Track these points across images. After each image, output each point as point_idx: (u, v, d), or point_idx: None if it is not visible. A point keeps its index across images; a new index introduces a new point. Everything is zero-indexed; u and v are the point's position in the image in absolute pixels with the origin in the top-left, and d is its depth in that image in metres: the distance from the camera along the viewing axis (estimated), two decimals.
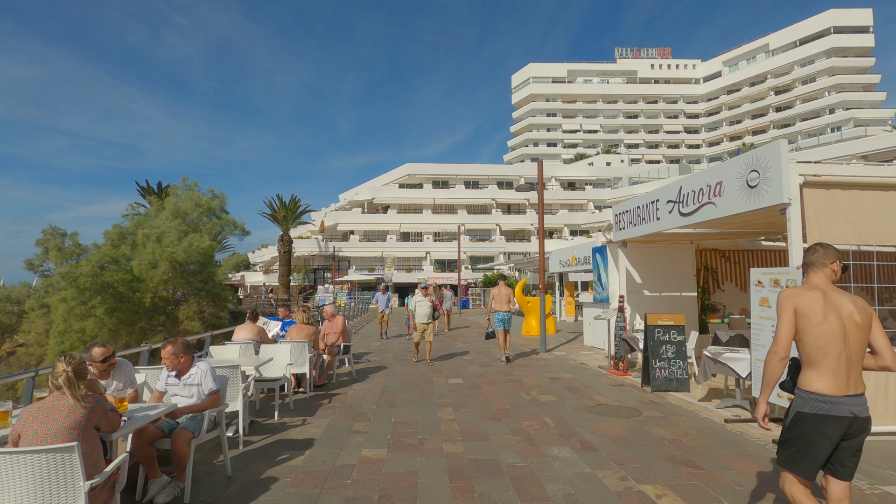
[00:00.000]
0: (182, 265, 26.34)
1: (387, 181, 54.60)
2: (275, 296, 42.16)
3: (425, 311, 10.43)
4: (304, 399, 7.50)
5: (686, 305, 11.81)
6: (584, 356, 11.60)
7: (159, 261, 24.08)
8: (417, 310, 10.45)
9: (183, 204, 27.11)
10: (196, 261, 25.43)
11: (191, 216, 26.92)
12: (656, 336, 8.02)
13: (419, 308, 10.44)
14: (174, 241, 24.70)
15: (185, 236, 25.12)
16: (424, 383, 8.60)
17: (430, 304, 10.52)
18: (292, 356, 7.34)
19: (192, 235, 25.23)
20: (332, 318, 9.26)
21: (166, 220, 25.94)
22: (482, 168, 53.46)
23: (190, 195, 27.57)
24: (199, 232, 26.03)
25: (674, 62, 77.00)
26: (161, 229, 25.42)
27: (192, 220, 26.97)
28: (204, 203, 27.66)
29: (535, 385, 8.30)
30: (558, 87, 76.59)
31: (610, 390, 7.87)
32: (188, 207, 27.00)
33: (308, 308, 10.50)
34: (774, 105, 68.90)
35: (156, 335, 28.15)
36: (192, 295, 27.67)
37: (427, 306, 10.46)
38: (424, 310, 10.43)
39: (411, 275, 44.83)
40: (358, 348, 13.64)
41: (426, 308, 10.45)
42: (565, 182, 54.15)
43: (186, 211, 26.89)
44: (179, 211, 26.72)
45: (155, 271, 24.25)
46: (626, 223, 10.01)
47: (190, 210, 26.93)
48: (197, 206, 27.12)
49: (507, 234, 49.26)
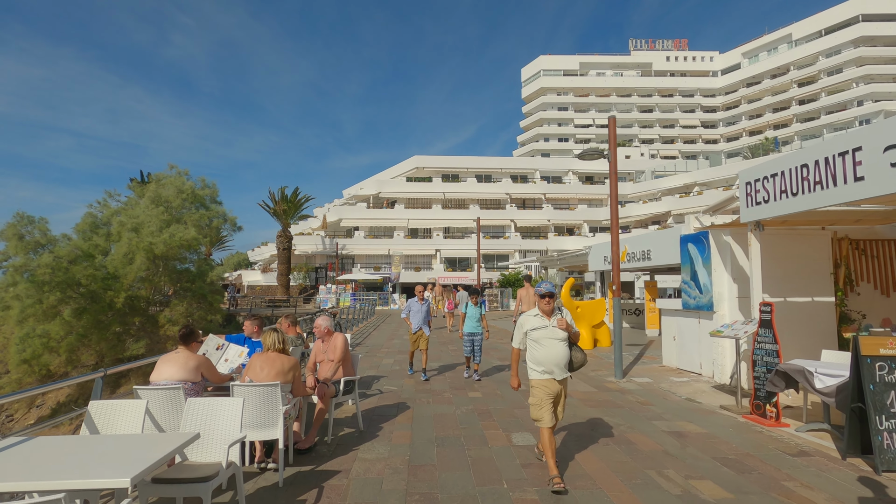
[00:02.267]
0: (163, 260, 23.11)
1: (393, 175, 51.20)
2: (241, 295, 38.66)
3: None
4: (271, 492, 4.18)
5: (820, 315, 8.46)
6: (681, 385, 8.19)
7: (135, 253, 20.78)
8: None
9: (165, 191, 23.59)
10: (177, 256, 22.18)
11: (174, 204, 23.54)
12: (879, 375, 4.67)
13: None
14: (153, 232, 21.40)
15: (167, 227, 21.85)
16: (474, 443, 5.26)
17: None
18: (251, 414, 4.06)
19: (176, 226, 21.89)
20: (327, 336, 5.94)
21: (146, 208, 22.62)
22: (495, 161, 49.96)
23: (174, 181, 24.12)
24: (183, 223, 22.69)
25: (690, 54, 73.44)
26: (140, 219, 22.13)
27: (175, 210, 23.66)
28: (188, 190, 24.15)
29: (659, 452, 4.88)
30: (570, 81, 73.09)
31: (795, 466, 4.53)
32: (171, 195, 23.49)
33: (294, 321, 7.12)
34: (798, 98, 65.16)
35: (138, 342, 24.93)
36: (176, 295, 24.45)
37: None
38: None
39: (420, 274, 41.47)
40: (365, 368, 10.37)
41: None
42: (583, 176, 50.67)
43: (169, 199, 23.48)
44: (161, 198, 23.32)
45: (131, 266, 20.99)
46: (771, 193, 6.61)
47: (173, 198, 23.48)
48: (180, 194, 23.65)
49: (522, 230, 45.79)
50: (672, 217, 41.34)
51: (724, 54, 72.08)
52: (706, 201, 39.94)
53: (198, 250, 24.54)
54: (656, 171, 47.32)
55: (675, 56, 72.95)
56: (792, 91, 65.32)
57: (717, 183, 41.90)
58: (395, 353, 12.51)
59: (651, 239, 13.54)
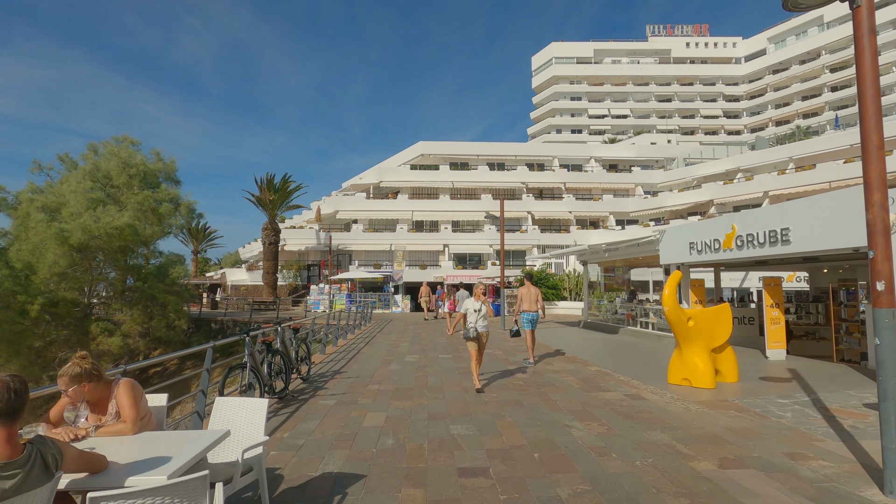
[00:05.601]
0: (102, 253, 17.35)
1: (397, 163, 45.23)
2: (224, 296, 32.68)
3: None
4: None
5: None
6: None
7: (46, 243, 14.94)
8: None
9: (105, 163, 17.72)
10: (117, 247, 16.36)
11: (117, 182, 17.65)
12: None
13: None
14: (75, 215, 15.61)
15: (96, 209, 16.02)
16: None
17: None
18: None
19: (104, 209, 15.97)
20: None
21: (75, 184, 16.77)
22: (509, 147, 43.87)
23: (118, 152, 18.21)
24: (119, 204, 16.79)
25: (711, 40, 67.42)
26: (64, 198, 16.32)
27: (121, 189, 17.84)
28: (137, 165, 18.22)
29: None
30: (584, 69, 67.16)
31: None
32: (113, 169, 17.56)
33: None
34: (830, 84, 59.13)
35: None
36: (119, 299, 18.66)
37: None
38: None
39: (426, 272, 35.56)
40: (321, 446, 4.40)
41: None
42: (606, 164, 44.64)
43: (110, 174, 17.58)
44: (98, 173, 17.45)
45: (43, 260, 15.15)
46: None
47: (116, 173, 17.54)
48: (126, 169, 17.71)
49: (540, 223, 39.77)
50: (715, 206, 35.34)
51: (748, 40, 66.07)
52: (757, 188, 33.92)
53: (143, 240, 18.50)
54: (690, 156, 41.28)
55: (695, 42, 67.01)
56: (824, 77, 59.23)
57: (764, 168, 35.86)
58: (394, 396, 6.59)
59: (793, 211, 7.90)
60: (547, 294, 29.24)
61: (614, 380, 8.14)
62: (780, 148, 35.27)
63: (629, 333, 16.23)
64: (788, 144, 35.28)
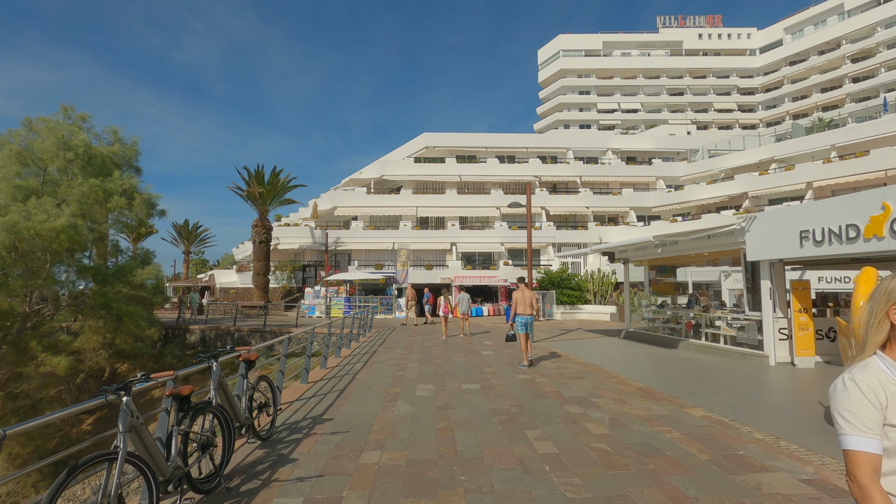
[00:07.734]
0: (43, 253, 13.74)
1: (400, 156, 41.47)
2: (212, 300, 29.02)
3: None
4: None
5: None
6: None
7: None
8: None
9: (40, 143, 14.05)
10: (48, 245, 12.70)
11: (52, 166, 13.88)
12: None
13: None
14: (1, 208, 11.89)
15: (28, 200, 12.25)
16: None
17: None
18: None
19: (45, 199, 12.12)
20: None
21: None
22: (519, 139, 40.09)
23: (56, 128, 14.44)
24: (58, 196, 13.05)
25: (725, 31, 63.64)
26: None
27: (53, 175, 14.08)
28: (81, 146, 14.36)
29: None
30: (592, 62, 63.40)
31: None
32: (48, 150, 13.78)
33: None
34: (851, 75, 55.36)
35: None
36: (65, 308, 15.02)
37: None
38: None
39: (432, 273, 31.85)
40: None
41: None
42: (624, 156, 40.86)
43: (44, 156, 13.80)
44: (32, 155, 13.74)
45: None
46: None
47: (51, 156, 13.69)
48: (65, 151, 13.85)
49: (555, 219, 36.01)
50: (749, 199, 31.55)
51: (764, 30, 62.30)
52: (799, 179, 30.13)
53: (86, 241, 14.63)
54: (717, 146, 37.45)
55: (707, 33, 63.26)
56: (844, 68, 55.42)
57: (802, 157, 32.07)
58: (404, 484, 2.83)
59: None
60: (570, 297, 25.49)
61: (747, 438, 4.54)
62: (822, 135, 31.44)
63: (695, 349, 12.49)
64: (830, 131, 31.45)
